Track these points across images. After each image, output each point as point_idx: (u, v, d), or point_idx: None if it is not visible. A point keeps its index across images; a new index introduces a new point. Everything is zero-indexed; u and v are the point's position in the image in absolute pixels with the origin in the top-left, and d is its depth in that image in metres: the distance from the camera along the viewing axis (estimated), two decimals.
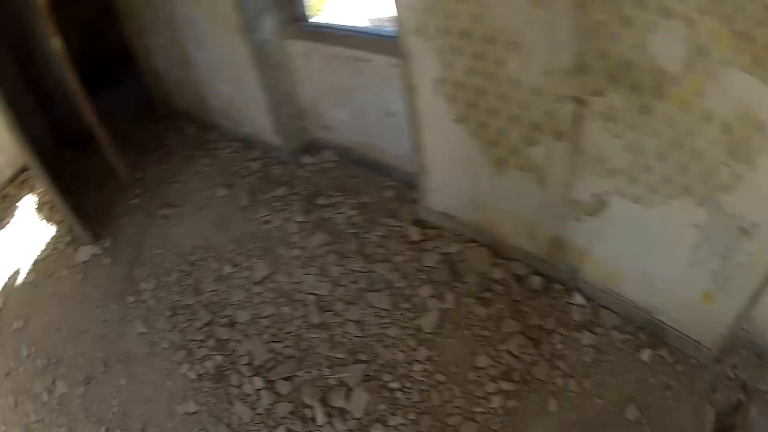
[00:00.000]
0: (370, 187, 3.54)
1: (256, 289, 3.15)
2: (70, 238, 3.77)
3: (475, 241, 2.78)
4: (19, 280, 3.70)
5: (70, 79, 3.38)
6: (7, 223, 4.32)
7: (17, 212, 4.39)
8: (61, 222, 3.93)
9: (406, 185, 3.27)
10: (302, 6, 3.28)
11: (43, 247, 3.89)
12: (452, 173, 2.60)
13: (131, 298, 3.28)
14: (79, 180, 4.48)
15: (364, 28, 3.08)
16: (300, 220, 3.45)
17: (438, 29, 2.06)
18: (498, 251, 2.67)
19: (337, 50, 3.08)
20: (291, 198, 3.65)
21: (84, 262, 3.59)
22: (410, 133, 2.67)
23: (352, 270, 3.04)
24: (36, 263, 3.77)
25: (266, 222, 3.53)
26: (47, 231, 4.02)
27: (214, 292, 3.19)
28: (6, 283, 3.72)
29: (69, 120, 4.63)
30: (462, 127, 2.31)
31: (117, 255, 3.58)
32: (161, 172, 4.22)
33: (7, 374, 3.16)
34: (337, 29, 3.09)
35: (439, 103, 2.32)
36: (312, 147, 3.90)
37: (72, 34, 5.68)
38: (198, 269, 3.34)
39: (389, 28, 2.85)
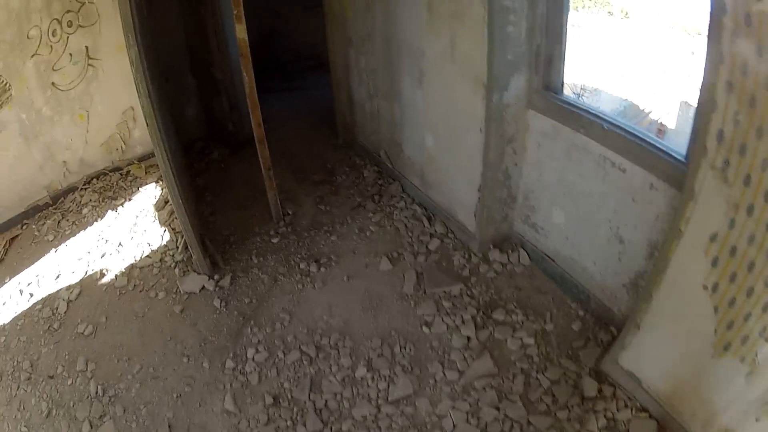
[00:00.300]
0: (558, 311, 3.72)
1: (388, 408, 3.24)
2: (182, 256, 4.31)
3: (646, 411, 3.07)
4: (106, 278, 4.29)
5: (244, 76, 4.02)
6: (120, 205, 5.16)
7: (135, 198, 5.25)
8: (178, 233, 4.52)
9: (599, 321, 3.60)
10: (559, 72, 3.59)
11: (147, 252, 4.49)
12: (666, 339, 2.85)
13: (231, 363, 3.55)
14: (219, 189, 5.22)
15: (633, 127, 3.12)
16: (467, 334, 3.59)
17: (741, 177, 2.17)
18: (665, 428, 2.99)
19: (587, 142, 3.28)
20: (465, 301, 3.84)
21: (189, 293, 4.04)
22: (644, 278, 2.99)
23: (509, 417, 3.13)
24: (132, 268, 4.35)
25: (427, 324, 3.70)
26: (159, 235, 4.63)
27: (334, 396, 3.33)
28: (88, 275, 4.31)
29: (230, 116, 5.31)
30: (707, 297, 2.50)
31: (231, 301, 3.98)
32: (318, 213, 4.77)
33: (51, 377, 3.57)
34: (596, 116, 3.25)
35: (699, 262, 2.48)
36: (505, 241, 4.20)
37: (263, 22, 6.91)
38: (324, 358, 3.54)
39: (662, 141, 2.95)
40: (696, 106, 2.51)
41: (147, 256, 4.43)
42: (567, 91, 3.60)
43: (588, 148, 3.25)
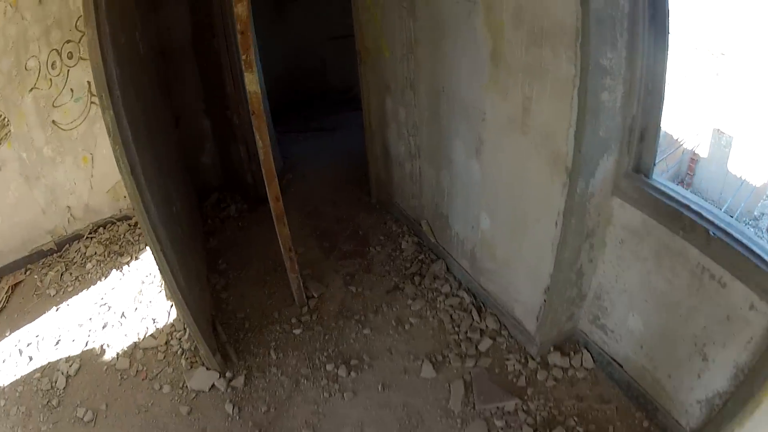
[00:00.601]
0: (622, 423, 3.25)
1: None
2: (189, 344, 3.80)
3: None
4: (107, 356, 3.84)
5: (258, 140, 3.28)
6: (126, 263, 4.70)
7: (142, 257, 4.76)
8: None
9: None
10: (652, 150, 2.87)
11: (152, 330, 4.00)
12: None
13: None
14: (234, 255, 4.64)
15: (746, 235, 2.51)
16: None
17: None
18: None
19: (685, 247, 2.65)
20: (521, 419, 3.26)
21: (198, 391, 3.53)
22: (721, 397, 2.70)
23: None
24: (135, 348, 3.88)
25: None
26: (165, 310, 4.14)
27: None
28: (89, 347, 3.90)
29: (249, 166, 4.86)
30: None
31: (246, 407, 3.43)
32: (348, 297, 4.14)
33: None
34: (701, 216, 2.57)
35: None
36: (567, 340, 3.65)
37: (287, 54, 6.34)
38: None
39: None
40: None
41: (151, 335, 3.96)
42: None
43: (685, 254, 2.66)
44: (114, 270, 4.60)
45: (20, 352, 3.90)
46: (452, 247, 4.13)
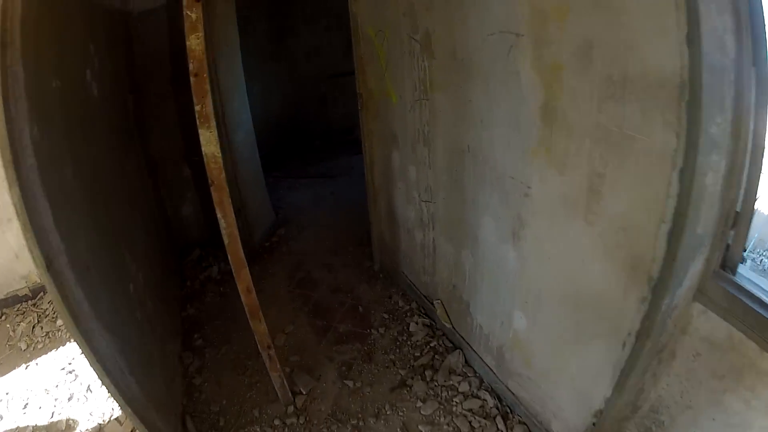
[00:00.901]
0: None
1: None
2: None
3: None
4: None
5: (220, 218, 2.60)
6: None
7: None
8: None
9: None
10: (743, 240, 2.05)
11: (117, 412, 3.34)
12: None
13: None
14: (213, 330, 3.88)
15: None
16: None
17: None
18: None
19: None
20: None
21: None
22: None
23: None
24: (100, 431, 3.26)
25: None
26: None
27: None
28: (55, 419, 3.44)
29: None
30: None
31: None
32: (344, 394, 3.28)
33: None
34: None
35: None
36: None
37: (288, 94, 5.70)
38: None
39: None
40: None
41: (116, 419, 3.30)
42: None
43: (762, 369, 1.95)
44: None
45: None
46: (473, 338, 3.29)
